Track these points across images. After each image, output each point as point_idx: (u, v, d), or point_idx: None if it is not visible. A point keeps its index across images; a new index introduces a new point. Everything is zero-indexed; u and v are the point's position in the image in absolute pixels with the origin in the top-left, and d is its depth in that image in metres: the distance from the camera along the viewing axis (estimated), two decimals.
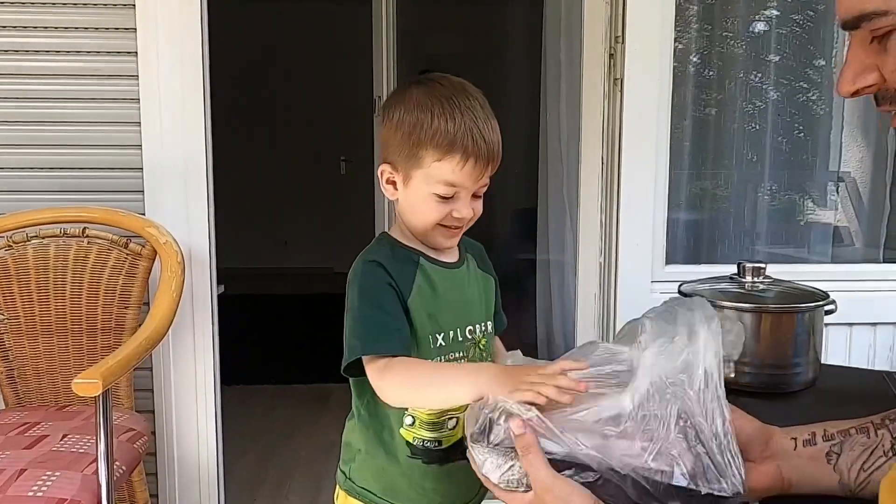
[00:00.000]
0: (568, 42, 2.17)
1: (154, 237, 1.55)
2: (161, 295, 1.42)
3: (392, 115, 0.93)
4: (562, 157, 2.27)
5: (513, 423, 0.70)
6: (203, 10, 1.69)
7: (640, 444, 0.67)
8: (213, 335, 1.81)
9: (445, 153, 0.89)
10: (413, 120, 0.90)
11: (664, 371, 0.70)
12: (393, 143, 0.92)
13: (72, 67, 1.67)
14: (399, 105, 0.92)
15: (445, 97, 0.90)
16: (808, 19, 2.20)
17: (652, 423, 0.68)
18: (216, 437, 1.83)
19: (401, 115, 0.91)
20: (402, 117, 0.91)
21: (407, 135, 0.90)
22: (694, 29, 2.14)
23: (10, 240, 1.57)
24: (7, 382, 1.58)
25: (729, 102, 2.21)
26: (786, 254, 2.27)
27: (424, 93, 0.92)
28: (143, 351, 1.28)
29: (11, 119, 1.69)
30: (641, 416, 0.68)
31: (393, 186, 0.95)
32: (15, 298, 1.57)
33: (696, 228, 2.21)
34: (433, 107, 0.89)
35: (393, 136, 0.92)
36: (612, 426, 0.68)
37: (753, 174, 2.28)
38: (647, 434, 0.67)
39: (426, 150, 0.89)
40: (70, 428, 1.40)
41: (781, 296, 1.19)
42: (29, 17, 1.66)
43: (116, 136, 1.70)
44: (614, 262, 1.89)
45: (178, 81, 1.69)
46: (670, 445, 0.67)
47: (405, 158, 0.92)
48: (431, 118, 0.89)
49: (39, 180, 1.70)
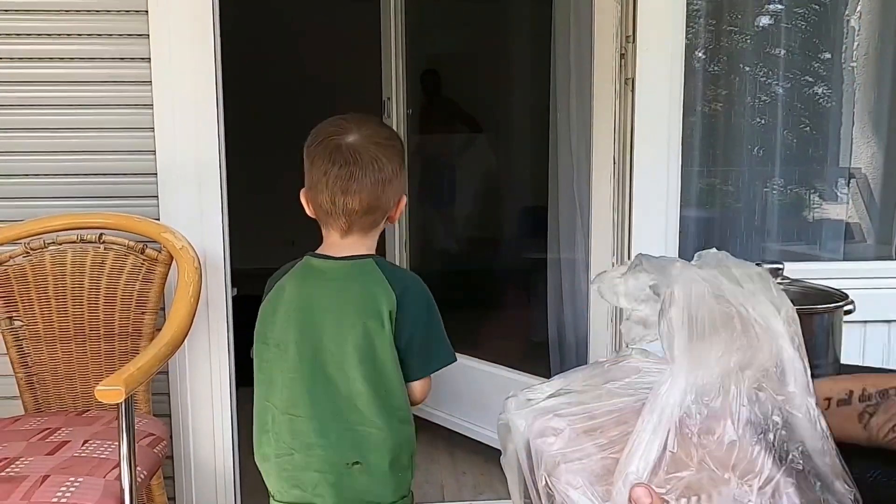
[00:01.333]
0: (577, 40, 2.17)
1: (170, 242, 1.56)
2: (179, 301, 1.43)
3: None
4: (572, 156, 2.27)
5: (636, 491, 0.56)
6: (215, 16, 1.69)
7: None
8: (228, 338, 1.82)
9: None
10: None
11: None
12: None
13: (86, 74, 1.68)
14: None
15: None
16: (814, 13, 2.19)
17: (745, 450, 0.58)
18: (232, 440, 1.84)
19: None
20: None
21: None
22: (701, 24, 2.13)
23: (28, 246, 1.58)
24: (26, 388, 1.59)
25: (737, 98, 2.20)
26: (797, 251, 2.27)
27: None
28: (164, 357, 1.29)
29: (27, 126, 1.70)
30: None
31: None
32: (33, 305, 1.58)
33: (706, 226, 2.21)
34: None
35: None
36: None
37: (763, 171, 2.27)
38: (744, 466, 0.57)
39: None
40: (91, 433, 1.42)
41: (799, 297, 1.19)
42: (44, 24, 1.66)
43: (131, 142, 1.71)
44: (627, 262, 1.89)
45: (190, 86, 1.69)
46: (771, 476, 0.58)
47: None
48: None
49: (55, 187, 1.71)
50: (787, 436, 0.59)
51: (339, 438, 1.11)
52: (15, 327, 1.58)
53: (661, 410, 0.59)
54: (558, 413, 0.65)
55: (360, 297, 1.10)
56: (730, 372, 0.60)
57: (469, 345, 2.64)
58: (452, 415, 2.46)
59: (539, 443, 0.63)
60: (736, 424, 0.59)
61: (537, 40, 2.63)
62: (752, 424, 0.59)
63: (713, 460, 0.58)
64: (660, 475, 0.57)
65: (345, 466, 1.11)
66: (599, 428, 0.63)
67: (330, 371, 1.10)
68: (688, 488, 0.57)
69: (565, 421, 0.63)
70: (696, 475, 0.57)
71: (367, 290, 1.10)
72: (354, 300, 1.11)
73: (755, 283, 0.65)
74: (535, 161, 2.88)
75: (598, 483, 0.59)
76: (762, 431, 0.59)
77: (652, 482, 0.57)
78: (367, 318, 1.08)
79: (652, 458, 0.57)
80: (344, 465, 1.11)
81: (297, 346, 1.12)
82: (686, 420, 0.59)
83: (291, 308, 1.14)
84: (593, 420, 0.64)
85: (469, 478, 2.26)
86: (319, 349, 1.11)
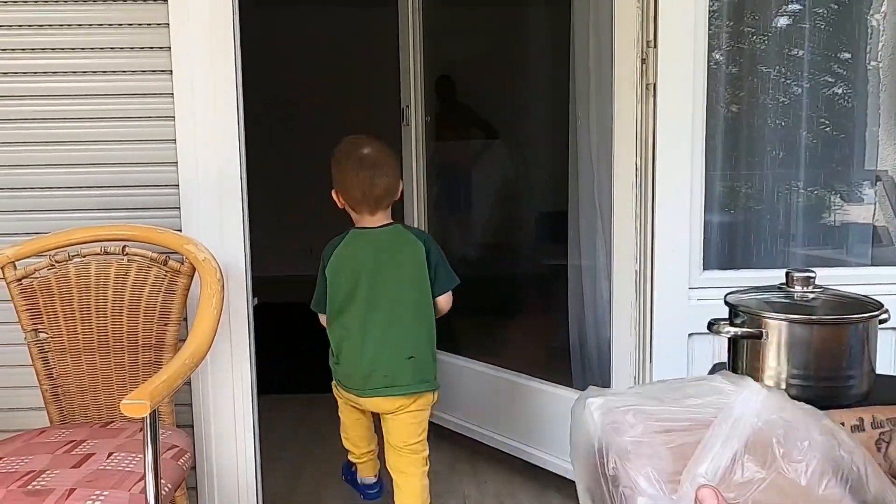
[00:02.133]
0: (597, 46, 2.15)
1: (192, 254, 1.56)
2: (202, 312, 1.43)
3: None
4: (592, 162, 2.25)
5: (703, 492, 0.55)
6: (235, 28, 1.70)
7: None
8: (250, 348, 1.83)
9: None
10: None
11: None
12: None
13: (109, 87, 1.70)
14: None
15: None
16: (833, 13, 2.16)
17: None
18: (254, 450, 1.84)
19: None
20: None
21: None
22: (721, 25, 2.11)
23: (53, 259, 1.59)
24: (52, 400, 1.60)
25: (758, 100, 2.17)
26: (823, 255, 2.23)
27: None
28: (188, 369, 1.30)
29: (51, 139, 1.72)
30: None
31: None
32: (58, 317, 1.59)
33: (729, 231, 2.18)
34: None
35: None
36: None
37: (787, 174, 2.24)
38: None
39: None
40: (115, 446, 1.42)
41: (833, 306, 1.17)
42: (68, 38, 1.68)
43: (153, 154, 1.72)
44: (650, 268, 1.87)
45: (211, 98, 1.70)
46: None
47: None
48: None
49: (79, 199, 1.73)
50: (860, 479, 0.61)
51: (398, 342, 1.70)
52: (40, 339, 1.59)
53: (736, 420, 0.60)
54: (634, 411, 0.67)
55: (407, 247, 1.71)
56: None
57: (489, 352, 2.63)
58: (474, 424, 2.45)
59: (612, 431, 0.66)
60: (813, 453, 0.59)
61: (554, 46, 2.62)
62: (830, 460, 0.59)
63: (786, 482, 0.58)
64: (728, 482, 0.57)
65: (405, 360, 1.70)
66: (672, 431, 0.65)
67: (390, 297, 1.69)
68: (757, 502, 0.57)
69: (640, 418, 0.66)
70: (767, 491, 0.57)
71: (409, 243, 1.72)
72: (404, 249, 1.71)
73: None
74: (552, 166, 2.86)
75: (666, 479, 0.60)
76: (839, 470, 0.60)
77: (719, 487, 0.57)
78: (414, 258, 1.70)
79: (722, 465, 0.59)
80: (404, 359, 1.70)
81: (366, 283, 1.69)
82: (763, 435, 0.60)
83: (355, 261, 1.71)
84: (667, 423, 0.67)
85: (491, 486, 2.25)
86: (380, 284, 1.68)
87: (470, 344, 2.76)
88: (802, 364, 1.12)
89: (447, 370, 2.56)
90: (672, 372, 1.87)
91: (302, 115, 5.40)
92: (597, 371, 2.25)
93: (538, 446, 2.23)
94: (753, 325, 1.15)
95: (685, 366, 1.87)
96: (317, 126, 5.37)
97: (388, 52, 2.69)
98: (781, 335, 1.12)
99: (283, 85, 5.21)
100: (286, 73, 5.23)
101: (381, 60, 3.62)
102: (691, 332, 1.85)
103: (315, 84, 5.31)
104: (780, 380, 1.14)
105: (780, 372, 1.13)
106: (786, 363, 1.13)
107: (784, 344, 1.12)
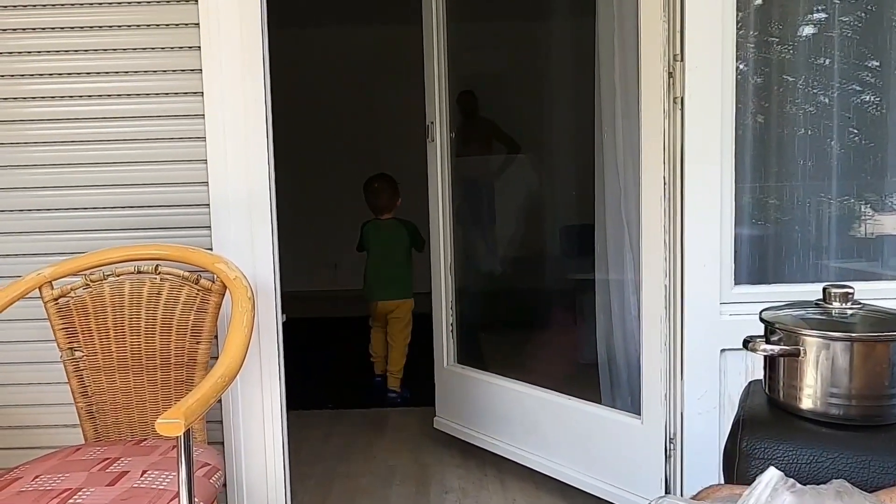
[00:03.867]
0: (622, 60, 2.15)
1: (224, 273, 1.58)
2: (233, 331, 1.44)
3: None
4: (619, 176, 2.24)
5: None
6: (264, 50, 1.73)
7: None
8: (279, 364, 1.84)
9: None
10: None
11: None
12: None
13: (142, 109, 1.73)
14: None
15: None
16: (859, 20, 2.13)
17: None
18: (283, 467, 1.85)
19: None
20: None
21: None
22: (747, 35, 2.08)
23: (88, 278, 1.62)
24: (87, 417, 1.62)
25: (786, 109, 2.14)
26: (858, 269, 2.18)
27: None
28: (221, 388, 1.31)
29: (86, 161, 1.75)
30: None
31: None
32: (93, 335, 1.62)
33: (759, 244, 2.14)
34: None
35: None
36: None
37: (817, 185, 2.20)
38: None
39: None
40: (149, 464, 1.43)
41: (872, 322, 1.14)
42: (101, 62, 1.72)
43: (184, 174, 1.75)
44: (679, 283, 1.85)
45: (241, 118, 1.72)
46: None
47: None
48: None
49: (113, 219, 1.76)
50: None
51: (397, 278, 3.29)
52: (76, 357, 1.62)
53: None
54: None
55: (402, 231, 3.27)
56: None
57: (516, 367, 2.62)
58: (502, 440, 2.43)
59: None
60: None
61: (578, 60, 2.62)
62: None
63: None
64: None
65: (401, 288, 3.29)
66: None
67: (391, 251, 3.29)
68: None
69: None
70: None
71: (402, 228, 3.28)
72: (400, 232, 3.28)
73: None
74: (577, 180, 2.85)
75: None
76: None
77: None
78: (402, 234, 3.26)
79: None
80: (401, 289, 3.29)
81: (381, 248, 3.31)
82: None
83: (375, 235, 3.33)
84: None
85: (519, 503, 2.22)
86: (388, 248, 3.29)
87: (497, 359, 2.76)
88: (842, 383, 1.09)
89: (475, 386, 2.55)
90: (704, 388, 1.84)
91: (328, 133, 5.46)
92: (626, 387, 2.22)
93: (567, 463, 2.21)
94: (790, 343, 1.13)
95: (717, 383, 1.84)
96: (343, 143, 5.43)
97: (412, 70, 2.71)
98: (820, 353, 1.10)
99: (309, 103, 5.28)
100: (312, 92, 5.30)
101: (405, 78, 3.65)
102: (723, 348, 1.82)
103: (340, 103, 5.37)
104: (819, 399, 1.11)
105: (819, 391, 1.11)
106: (825, 382, 1.10)
107: (823, 362, 1.10)
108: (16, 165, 1.75)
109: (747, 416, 1.17)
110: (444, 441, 2.65)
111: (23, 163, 1.75)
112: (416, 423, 2.89)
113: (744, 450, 1.11)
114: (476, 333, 2.94)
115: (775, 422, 1.15)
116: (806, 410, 1.13)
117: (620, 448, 2.03)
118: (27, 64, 1.73)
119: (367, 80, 5.27)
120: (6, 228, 1.77)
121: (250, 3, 1.70)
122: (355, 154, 5.33)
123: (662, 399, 1.89)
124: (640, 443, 1.97)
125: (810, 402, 1.12)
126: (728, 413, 1.85)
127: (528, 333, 3.17)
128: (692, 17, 1.77)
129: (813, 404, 1.12)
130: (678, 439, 1.89)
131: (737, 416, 1.21)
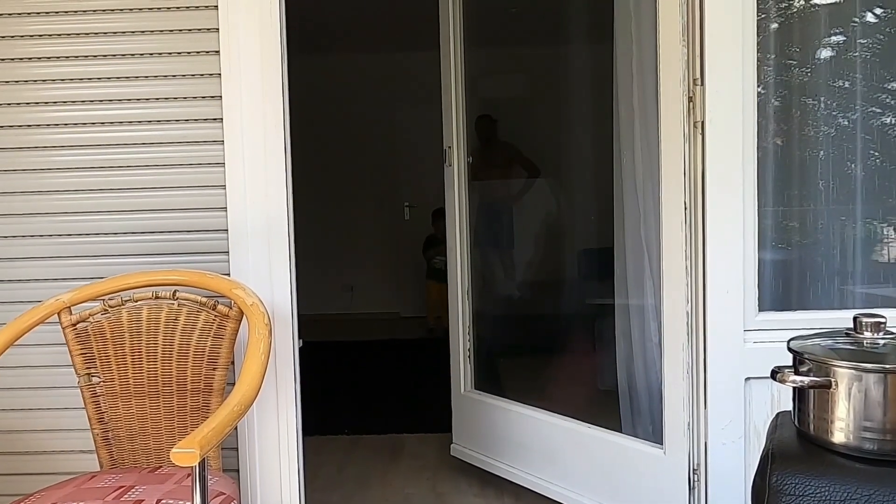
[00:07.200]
0: (641, 85, 2.14)
1: (241, 299, 1.57)
2: (250, 358, 1.43)
3: None
4: (639, 200, 2.21)
5: None
6: (284, 77, 1.74)
7: None
8: (296, 390, 1.82)
9: None
10: None
11: None
12: None
13: (162, 136, 1.75)
14: None
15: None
16: (879, 43, 2.10)
17: None
18: (299, 496, 1.82)
19: None
20: None
21: None
22: (766, 58, 2.07)
23: (107, 304, 1.62)
24: (102, 444, 1.61)
25: (807, 132, 2.11)
26: (885, 294, 2.13)
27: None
28: (237, 416, 1.29)
29: (105, 187, 1.77)
30: None
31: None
32: (110, 361, 1.62)
33: (783, 270, 2.10)
34: None
35: None
36: None
37: (841, 209, 2.16)
38: None
39: None
40: (164, 492, 1.42)
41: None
42: (121, 90, 1.75)
43: (203, 200, 1.75)
44: (702, 310, 1.81)
45: (260, 144, 1.73)
46: None
47: None
48: None
49: (131, 244, 1.77)
50: None
51: None
52: (93, 383, 1.62)
53: None
54: None
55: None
56: None
57: (535, 393, 2.58)
58: (520, 468, 2.38)
59: None
60: None
61: (596, 84, 2.61)
62: None
63: None
64: None
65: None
66: None
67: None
68: None
69: None
70: None
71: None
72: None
73: None
74: (596, 204, 2.83)
75: None
76: None
77: None
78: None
79: None
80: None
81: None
82: None
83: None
84: None
85: None
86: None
87: (514, 385, 2.72)
88: (876, 416, 1.05)
89: (493, 413, 2.51)
90: (729, 418, 1.80)
91: (344, 157, 5.50)
92: (647, 415, 2.17)
93: (587, 493, 2.15)
94: (821, 374, 1.09)
95: (742, 412, 1.79)
96: (359, 168, 5.47)
97: (427, 93, 2.72)
98: (852, 385, 1.06)
99: (327, 128, 5.33)
100: (331, 117, 5.35)
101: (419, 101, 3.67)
102: (748, 377, 1.78)
103: (357, 127, 5.41)
104: (852, 433, 1.07)
105: (852, 425, 1.07)
106: (858, 415, 1.06)
107: (855, 394, 1.06)
108: (37, 191, 1.77)
109: (776, 449, 1.13)
110: (462, 469, 2.61)
111: (44, 188, 1.77)
112: (433, 450, 2.85)
113: (774, 485, 1.07)
114: (494, 359, 2.90)
115: (806, 456, 1.11)
116: (838, 444, 1.09)
117: (642, 478, 1.98)
118: (50, 91, 1.76)
119: (385, 105, 5.32)
120: (26, 253, 1.78)
121: (270, 32, 1.72)
122: (372, 178, 5.36)
123: (685, 429, 1.84)
124: (662, 473, 1.92)
125: (843, 436, 1.08)
126: (753, 443, 1.80)
127: (547, 359, 3.12)
128: (712, 40, 1.76)
129: (846, 438, 1.08)
130: (702, 470, 1.84)
131: (765, 449, 1.17)
